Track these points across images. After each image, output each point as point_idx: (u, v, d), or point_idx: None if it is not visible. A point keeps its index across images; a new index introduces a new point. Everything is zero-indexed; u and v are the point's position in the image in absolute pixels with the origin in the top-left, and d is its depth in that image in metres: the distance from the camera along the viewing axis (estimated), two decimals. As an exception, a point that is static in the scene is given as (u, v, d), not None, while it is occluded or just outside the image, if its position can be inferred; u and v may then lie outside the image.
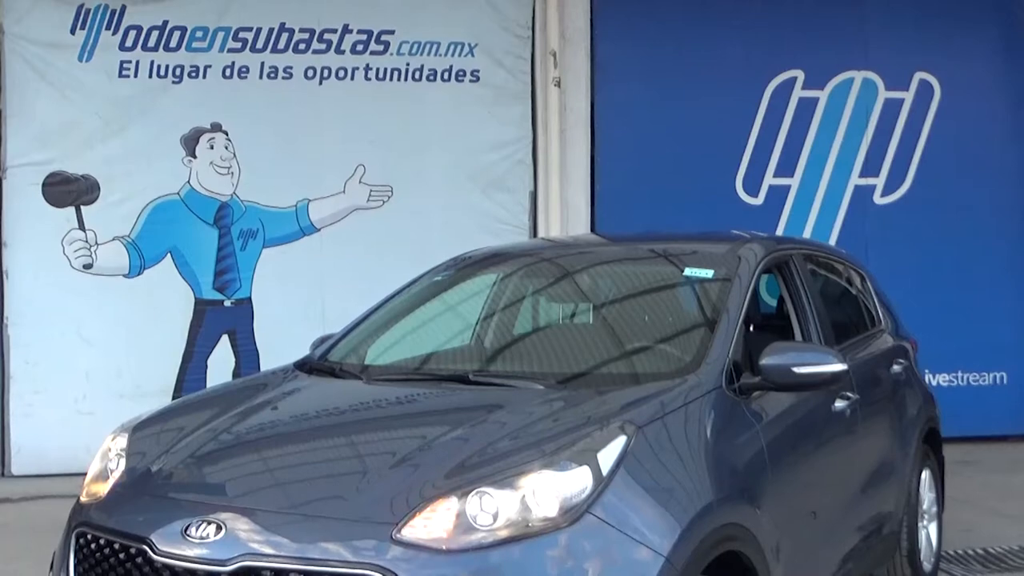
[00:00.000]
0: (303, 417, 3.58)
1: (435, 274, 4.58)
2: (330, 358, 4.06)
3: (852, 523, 4.22)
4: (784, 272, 4.29)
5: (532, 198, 8.20)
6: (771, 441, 3.43)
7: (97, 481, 3.23)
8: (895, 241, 8.40)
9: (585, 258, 4.63)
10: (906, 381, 5.01)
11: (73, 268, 7.61)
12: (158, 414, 3.67)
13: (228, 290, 7.86)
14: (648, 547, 2.68)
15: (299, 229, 7.94)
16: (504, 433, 3.00)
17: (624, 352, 3.86)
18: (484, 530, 2.59)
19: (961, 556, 5.60)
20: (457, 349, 4.43)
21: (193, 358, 7.80)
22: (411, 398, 3.59)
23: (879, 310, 5.25)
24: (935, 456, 5.25)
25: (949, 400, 6.51)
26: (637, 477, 2.81)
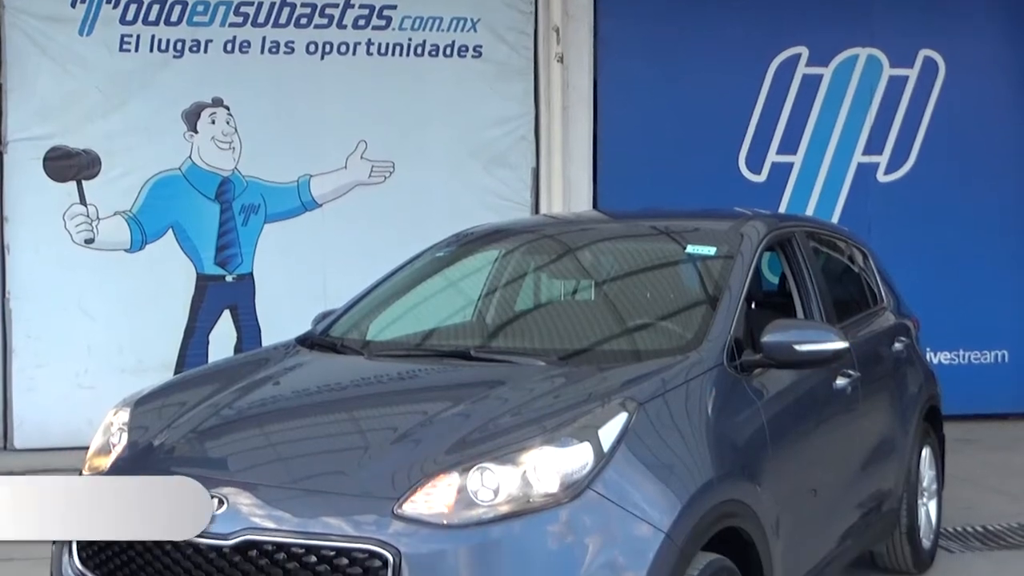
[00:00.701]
0: (304, 392, 3.59)
1: (437, 250, 4.58)
2: (332, 333, 4.06)
3: (852, 500, 4.24)
4: (786, 250, 4.28)
5: (534, 174, 8.18)
6: (772, 418, 3.44)
7: (99, 455, 3.24)
8: (898, 219, 8.39)
9: (587, 235, 4.62)
10: (907, 359, 5.01)
11: (74, 243, 7.61)
12: (160, 389, 3.68)
13: (230, 265, 7.86)
14: (648, 523, 2.69)
15: (301, 204, 7.93)
16: (505, 409, 3.01)
17: (626, 329, 3.86)
18: (485, 505, 2.60)
19: (960, 533, 5.62)
20: (459, 325, 4.44)
21: (195, 333, 7.81)
22: (412, 374, 3.60)
23: (881, 288, 5.25)
24: (935, 434, 5.26)
25: (950, 378, 6.51)
26: (638, 453, 2.82)
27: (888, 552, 4.86)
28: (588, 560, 2.57)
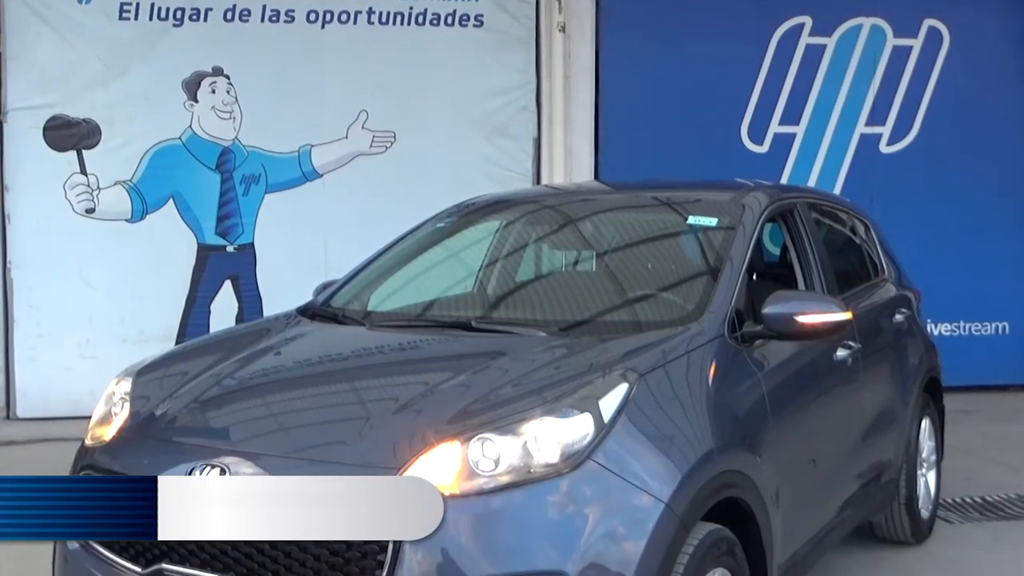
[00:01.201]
0: (306, 363, 3.59)
1: (438, 221, 4.57)
2: (333, 304, 4.07)
3: (851, 471, 4.25)
4: (788, 221, 4.27)
5: (535, 145, 8.16)
6: (772, 389, 3.44)
7: (101, 424, 3.25)
8: (900, 190, 8.36)
9: (588, 206, 4.61)
10: (908, 330, 5.01)
11: (75, 212, 7.60)
12: (161, 359, 3.68)
13: (231, 235, 7.85)
14: (648, 493, 2.70)
15: (301, 175, 7.92)
16: (506, 380, 3.01)
17: (627, 300, 3.86)
18: (486, 475, 2.61)
19: (959, 504, 5.65)
20: (460, 296, 4.44)
21: (196, 303, 7.81)
22: (414, 344, 3.60)
23: (882, 259, 5.24)
24: (935, 405, 5.27)
25: (950, 350, 6.52)
26: (638, 424, 2.83)
27: (887, 522, 4.88)
28: (588, 530, 2.58)
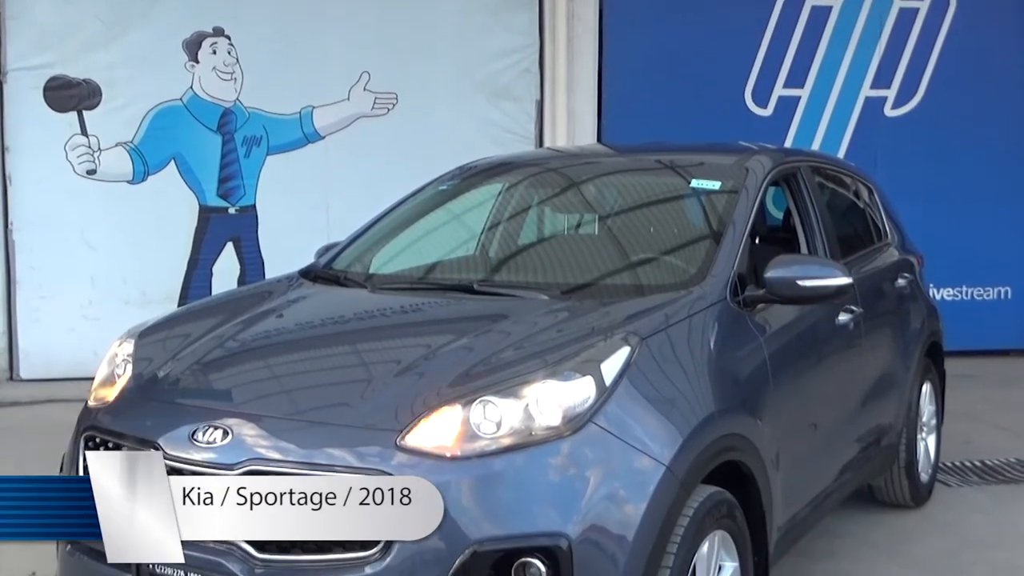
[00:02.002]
0: (308, 325, 3.60)
1: (440, 183, 4.56)
2: (335, 266, 4.06)
3: (851, 435, 4.27)
4: (791, 184, 4.26)
5: (538, 107, 8.11)
6: (774, 353, 3.45)
7: (104, 386, 3.26)
8: (904, 154, 8.33)
9: (591, 169, 4.59)
10: (910, 295, 5.01)
11: (76, 174, 7.59)
12: (164, 321, 3.68)
13: (232, 197, 7.84)
14: (649, 456, 2.71)
15: (303, 136, 7.89)
16: (508, 343, 3.01)
17: (629, 263, 3.85)
18: (487, 438, 2.62)
19: (959, 467, 5.67)
20: (462, 259, 4.43)
21: (198, 265, 7.82)
22: (416, 307, 3.60)
23: (886, 224, 5.23)
24: (936, 370, 5.28)
25: (952, 314, 6.52)
26: (640, 388, 2.83)
27: (886, 486, 4.91)
28: (589, 492, 2.60)
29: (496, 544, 2.52)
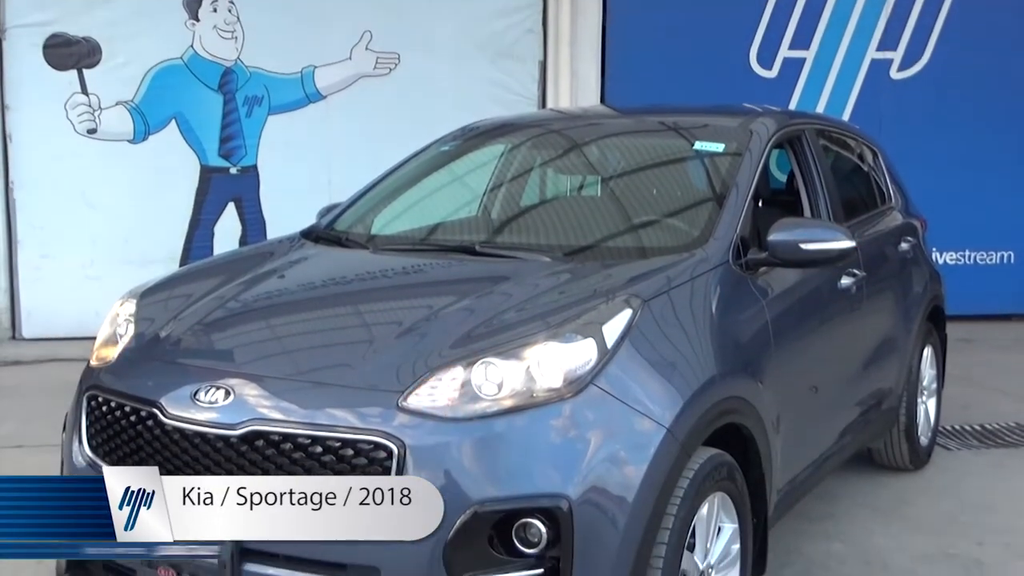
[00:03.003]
0: (310, 286, 3.59)
1: (442, 144, 4.53)
2: (336, 227, 4.05)
3: (852, 398, 4.28)
4: (795, 147, 4.24)
5: (541, 68, 8.06)
6: (776, 316, 3.45)
7: (106, 345, 3.26)
8: (910, 117, 8.29)
9: (594, 130, 4.57)
10: (913, 259, 5.00)
11: (77, 133, 7.56)
12: (165, 280, 3.68)
13: (233, 157, 7.81)
14: (650, 418, 2.72)
15: (305, 96, 7.84)
16: (510, 305, 3.01)
17: (631, 226, 3.84)
18: (489, 399, 2.62)
19: (958, 431, 5.70)
20: (464, 220, 4.42)
21: (199, 225, 7.81)
22: (417, 268, 3.59)
23: (890, 187, 5.21)
24: (938, 334, 5.29)
25: (955, 278, 6.52)
26: (641, 350, 2.83)
27: (886, 449, 4.93)
28: (590, 454, 2.60)
29: (497, 505, 2.53)
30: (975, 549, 4.16)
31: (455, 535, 2.50)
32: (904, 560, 4.05)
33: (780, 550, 3.98)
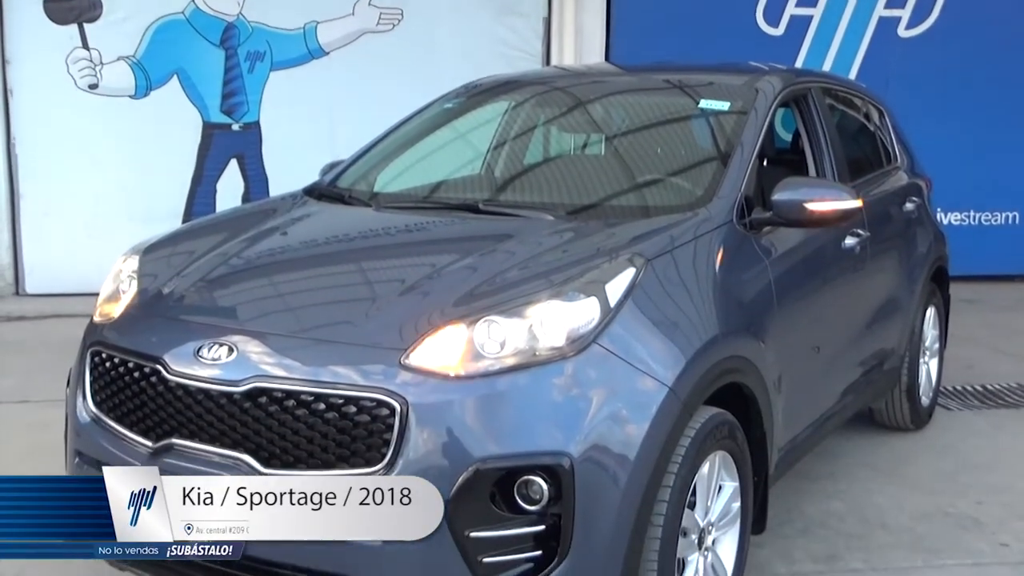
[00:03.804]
0: (313, 243, 3.59)
1: (446, 101, 4.51)
2: (339, 184, 4.04)
3: (854, 358, 4.29)
4: (801, 106, 4.21)
5: (546, 24, 7.99)
6: (779, 276, 3.44)
7: (109, 301, 3.26)
8: (917, 76, 8.22)
9: (598, 88, 4.54)
10: (918, 219, 4.99)
11: (78, 88, 7.51)
12: (168, 237, 3.68)
13: (236, 113, 7.77)
14: (653, 377, 2.72)
15: (307, 52, 7.79)
16: (513, 263, 3.01)
17: (635, 184, 3.82)
18: (491, 358, 2.62)
19: (960, 391, 5.71)
20: (467, 178, 4.40)
21: (202, 182, 7.79)
22: (420, 226, 3.59)
23: (896, 147, 5.18)
24: (941, 294, 5.29)
25: (959, 239, 6.50)
26: (644, 309, 2.83)
27: (887, 409, 4.94)
28: (592, 412, 2.61)
29: (499, 463, 2.54)
30: (974, 508, 4.19)
31: (457, 492, 2.52)
32: (903, 519, 4.08)
33: (780, 508, 4.01)
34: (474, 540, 2.53)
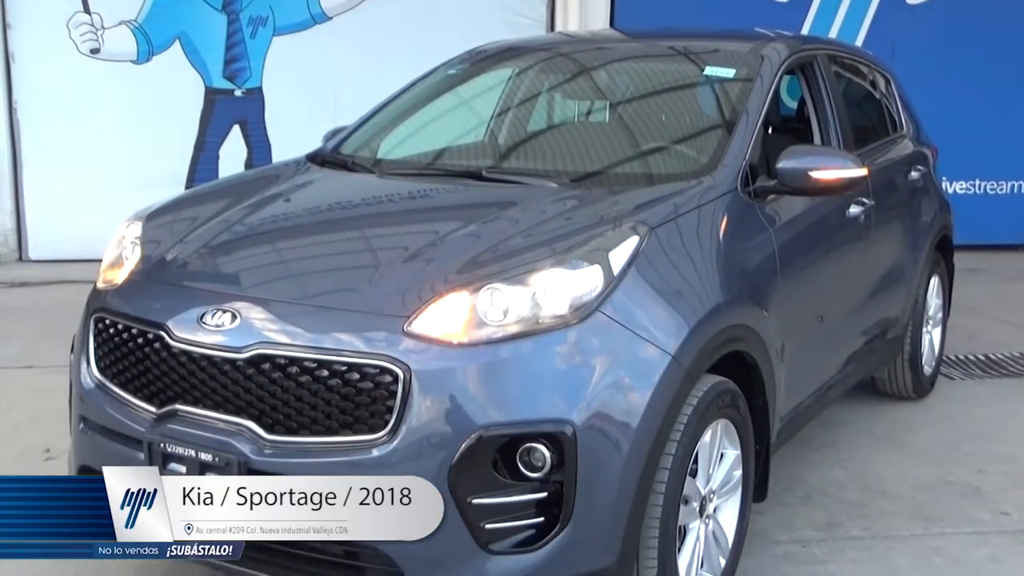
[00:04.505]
0: (315, 210, 3.58)
1: (449, 67, 4.48)
2: (342, 151, 4.03)
3: (857, 327, 4.28)
4: (807, 73, 4.18)
5: (550, -11, 7.94)
6: (783, 245, 3.43)
7: (113, 268, 3.26)
8: (923, 44, 8.17)
9: (603, 54, 4.50)
10: (923, 188, 4.97)
11: (80, 52, 7.48)
12: (171, 203, 3.67)
13: (238, 79, 7.74)
14: (656, 346, 2.72)
15: (310, 17, 7.74)
16: (516, 231, 3.00)
17: (639, 152, 3.81)
18: (494, 325, 2.62)
19: (962, 361, 5.72)
20: (470, 145, 4.39)
21: (205, 148, 7.77)
22: (423, 193, 3.58)
23: (902, 115, 5.15)
24: (945, 263, 5.28)
25: (964, 208, 6.48)
26: (648, 277, 2.82)
27: (889, 378, 4.95)
28: (595, 380, 2.61)
29: (501, 430, 2.54)
30: (974, 477, 4.21)
31: (460, 459, 2.52)
32: (904, 487, 4.10)
33: (782, 476, 4.03)
34: (476, 507, 2.54)
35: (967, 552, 3.59)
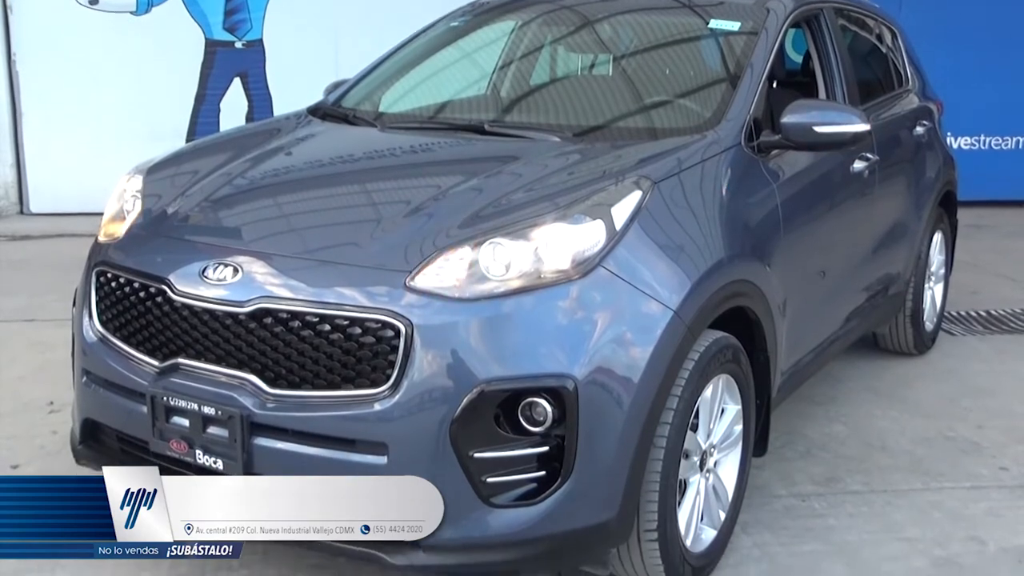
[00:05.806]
0: (317, 164, 3.56)
1: (452, 19, 4.44)
2: (344, 104, 4.00)
3: (859, 283, 4.28)
4: (813, 27, 4.14)
5: (554, -60, 7.83)
6: (786, 200, 3.42)
7: (114, 221, 3.25)
8: (930, -2, 8.07)
9: (607, 7, 4.46)
10: (927, 143, 4.94)
11: (79, 3, 7.41)
12: (172, 156, 3.65)
13: (239, 31, 7.67)
14: (657, 301, 2.72)
15: (311, -32, 7.66)
16: (519, 185, 2.99)
17: (643, 106, 3.78)
18: (496, 280, 2.62)
19: (964, 317, 5.72)
20: (473, 98, 4.36)
21: (205, 101, 7.72)
22: (426, 147, 3.56)
23: (908, 69, 5.11)
24: (948, 219, 5.26)
25: (969, 163, 6.44)
26: (650, 232, 2.82)
27: (891, 334, 4.96)
28: (597, 335, 2.61)
29: (503, 384, 2.55)
30: (974, 432, 4.23)
31: (462, 413, 2.53)
32: (903, 442, 4.12)
33: (782, 431, 4.05)
34: (478, 460, 2.55)
35: (965, 506, 3.62)
